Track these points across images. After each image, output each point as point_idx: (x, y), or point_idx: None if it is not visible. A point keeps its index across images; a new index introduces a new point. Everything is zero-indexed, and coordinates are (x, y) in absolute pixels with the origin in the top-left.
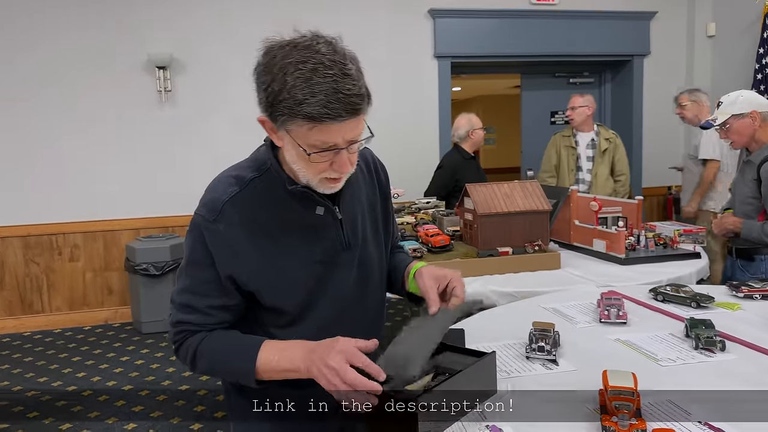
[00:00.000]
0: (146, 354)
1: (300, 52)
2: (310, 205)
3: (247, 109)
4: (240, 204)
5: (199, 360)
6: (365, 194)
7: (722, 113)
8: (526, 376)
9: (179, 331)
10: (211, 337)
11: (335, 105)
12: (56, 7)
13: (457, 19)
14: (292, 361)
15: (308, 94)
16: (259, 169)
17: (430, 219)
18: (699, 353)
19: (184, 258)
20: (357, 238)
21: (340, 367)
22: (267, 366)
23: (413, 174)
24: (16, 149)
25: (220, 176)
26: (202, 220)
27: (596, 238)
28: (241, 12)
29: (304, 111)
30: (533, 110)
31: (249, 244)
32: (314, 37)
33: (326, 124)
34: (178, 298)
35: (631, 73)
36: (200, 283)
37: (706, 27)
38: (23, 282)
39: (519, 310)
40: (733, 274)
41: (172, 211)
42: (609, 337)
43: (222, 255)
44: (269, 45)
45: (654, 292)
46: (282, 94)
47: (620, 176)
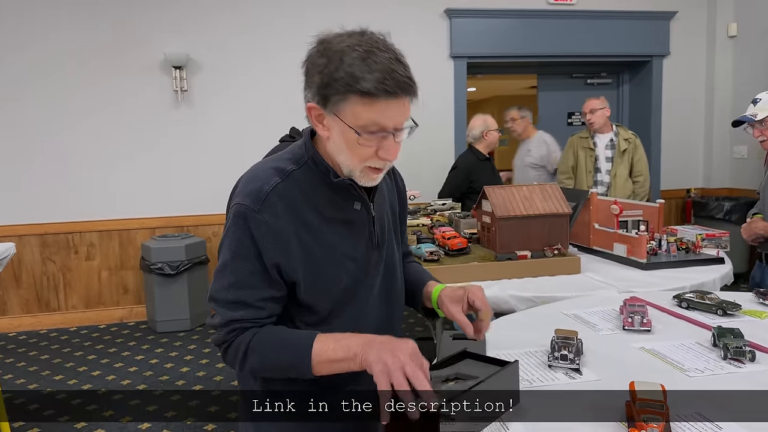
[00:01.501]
0: (160, 353)
1: (355, 37)
2: (349, 199)
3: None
4: (282, 194)
5: (250, 356)
6: (388, 197)
7: (762, 109)
8: (549, 385)
9: (231, 329)
10: (262, 333)
11: (390, 82)
12: (72, 6)
13: (473, 19)
14: (348, 349)
15: (365, 71)
16: (297, 161)
17: (446, 221)
18: (728, 363)
19: (225, 253)
20: (384, 238)
21: (407, 361)
22: (323, 356)
23: (428, 175)
24: (35, 149)
25: (258, 167)
26: (247, 210)
27: (617, 242)
28: (256, 12)
29: (360, 86)
30: (550, 111)
31: (292, 235)
32: (366, 30)
33: (381, 101)
34: (225, 296)
35: (650, 74)
36: (248, 276)
37: (728, 27)
38: (40, 280)
39: (540, 316)
40: (762, 279)
41: (187, 211)
42: (633, 345)
43: (268, 244)
44: (322, 35)
45: (678, 299)
46: (338, 72)
47: (638, 177)
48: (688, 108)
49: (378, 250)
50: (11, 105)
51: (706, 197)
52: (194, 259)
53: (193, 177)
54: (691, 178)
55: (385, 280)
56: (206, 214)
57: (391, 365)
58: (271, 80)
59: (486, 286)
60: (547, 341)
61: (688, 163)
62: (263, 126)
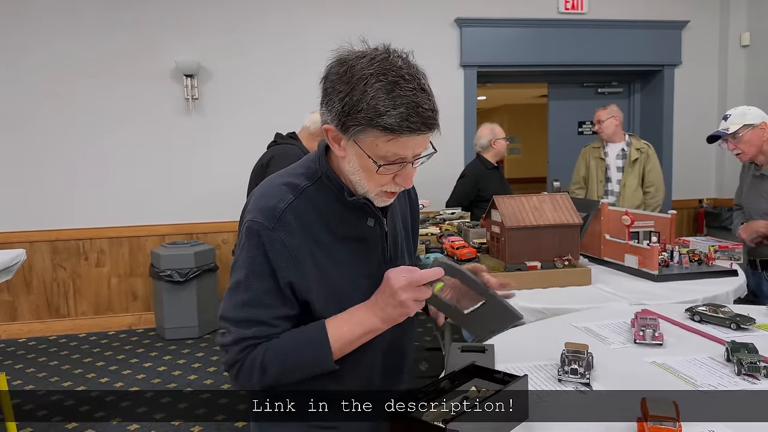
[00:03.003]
0: (168, 360)
1: (379, 63)
2: (362, 216)
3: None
4: (296, 212)
5: (268, 368)
6: (401, 209)
7: (733, 123)
8: (559, 400)
9: (242, 348)
10: (272, 344)
11: (415, 119)
12: (82, 14)
13: (483, 28)
14: (363, 323)
15: (390, 106)
16: (310, 177)
17: (455, 230)
18: (742, 379)
19: (239, 271)
20: (397, 252)
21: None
22: (342, 340)
23: (437, 184)
24: (46, 156)
25: (271, 183)
26: (261, 227)
27: (628, 254)
28: (267, 21)
29: (384, 122)
30: (561, 120)
31: (306, 254)
32: (388, 50)
33: (404, 136)
34: (237, 314)
35: (662, 84)
36: (262, 294)
37: (740, 37)
38: (50, 286)
39: (550, 328)
40: (757, 287)
41: (197, 218)
42: (645, 360)
43: (282, 263)
44: (343, 55)
45: (690, 312)
46: (361, 104)
47: (650, 187)
48: (700, 117)
49: (391, 265)
50: (23, 113)
51: (719, 207)
52: (203, 266)
53: (203, 185)
54: (704, 188)
55: None
56: (216, 221)
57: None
58: (281, 88)
59: None
60: (557, 354)
61: (700, 173)
62: (274, 134)
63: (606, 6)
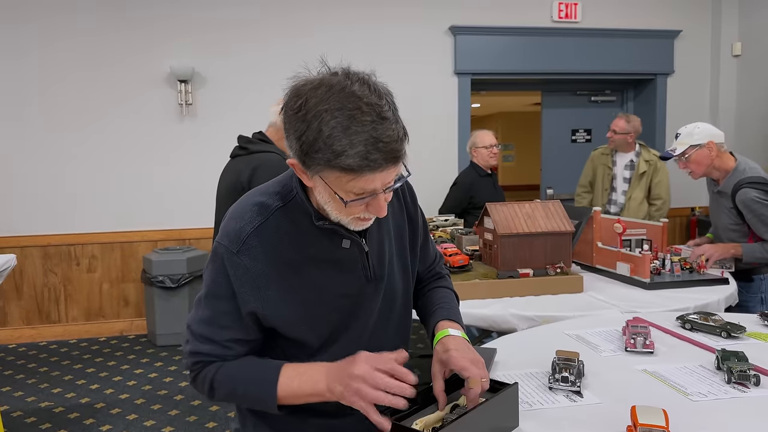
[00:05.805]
0: (160, 367)
1: (334, 96)
2: (336, 239)
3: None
4: (263, 235)
5: (217, 390)
6: (392, 221)
7: (681, 144)
8: (549, 408)
9: (195, 361)
10: (228, 365)
11: (375, 155)
12: (77, 17)
13: (477, 36)
14: (313, 384)
15: (346, 145)
16: (285, 197)
17: (448, 237)
18: (732, 388)
19: (204, 287)
20: (383, 270)
21: (366, 373)
22: (288, 391)
23: (431, 191)
24: (38, 161)
25: (244, 202)
26: (225, 251)
27: (620, 261)
28: (262, 27)
29: (343, 163)
30: (554, 128)
31: (272, 279)
32: (346, 75)
33: (365, 174)
34: (196, 328)
35: (654, 92)
36: (220, 315)
37: (732, 47)
38: (41, 292)
39: (541, 336)
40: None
41: (189, 224)
42: (636, 368)
43: (244, 290)
44: (299, 86)
45: (681, 320)
46: (317, 143)
47: (656, 200)
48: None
49: (375, 283)
50: (14, 116)
51: None
52: (195, 272)
53: (196, 190)
54: (696, 197)
55: (384, 310)
56: (209, 227)
57: (357, 386)
58: (275, 95)
59: (487, 304)
60: (548, 362)
61: (692, 182)
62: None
63: (599, 15)
